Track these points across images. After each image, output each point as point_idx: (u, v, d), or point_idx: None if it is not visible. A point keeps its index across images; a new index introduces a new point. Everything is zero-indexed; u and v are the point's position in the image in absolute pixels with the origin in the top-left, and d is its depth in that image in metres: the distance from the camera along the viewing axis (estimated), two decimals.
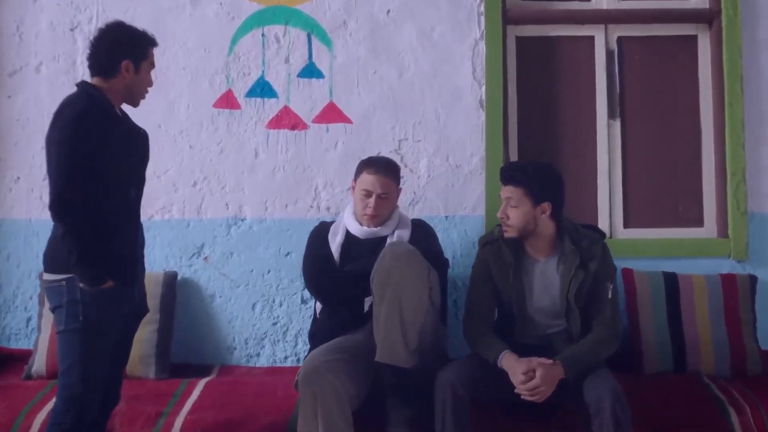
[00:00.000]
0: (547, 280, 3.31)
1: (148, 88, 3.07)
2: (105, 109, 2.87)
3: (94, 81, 2.94)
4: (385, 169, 3.57)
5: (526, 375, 3.02)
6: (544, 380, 3.00)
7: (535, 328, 3.35)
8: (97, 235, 2.76)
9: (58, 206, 2.72)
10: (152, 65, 3.06)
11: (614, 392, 2.93)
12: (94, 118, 2.79)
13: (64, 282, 2.80)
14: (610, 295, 3.25)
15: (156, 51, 3.06)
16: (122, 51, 2.92)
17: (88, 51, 2.96)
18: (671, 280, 3.90)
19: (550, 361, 3.07)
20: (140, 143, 3.06)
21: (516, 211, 3.26)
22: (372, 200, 3.52)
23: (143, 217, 3.97)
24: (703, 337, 3.78)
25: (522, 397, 3.02)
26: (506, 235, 3.32)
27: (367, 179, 3.54)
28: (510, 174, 3.32)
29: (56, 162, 2.73)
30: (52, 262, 2.87)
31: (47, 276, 2.88)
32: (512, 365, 3.08)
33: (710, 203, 4.26)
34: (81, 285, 2.77)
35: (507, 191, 3.30)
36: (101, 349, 2.86)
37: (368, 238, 3.56)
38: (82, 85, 2.92)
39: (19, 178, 4.17)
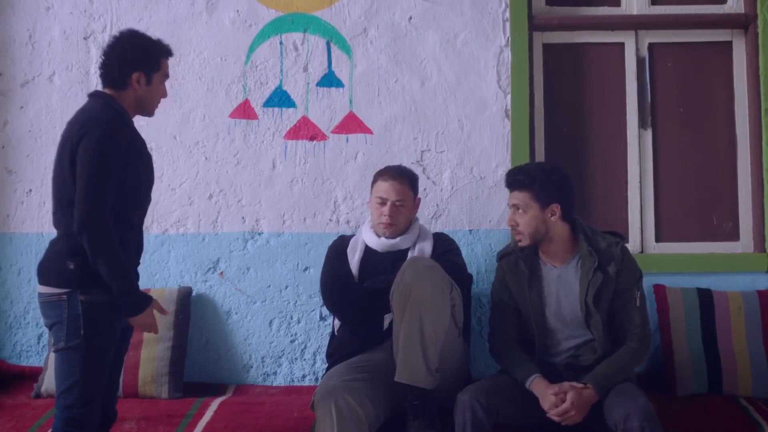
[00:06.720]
0: (566, 286, 3.22)
1: (162, 99, 3.02)
2: (128, 123, 2.84)
3: (107, 92, 2.87)
4: (400, 176, 3.53)
5: (557, 396, 2.94)
6: (575, 404, 2.92)
7: (557, 341, 3.25)
8: (123, 256, 2.72)
9: (92, 227, 2.64)
10: (166, 76, 2.99)
11: (644, 411, 2.80)
12: (120, 131, 2.74)
13: (64, 296, 2.71)
14: (638, 303, 3.16)
15: (171, 60, 2.99)
16: (133, 62, 2.85)
17: (100, 60, 2.89)
18: (706, 297, 3.79)
19: (581, 385, 2.98)
20: (149, 158, 3.00)
21: (525, 216, 3.19)
22: (387, 208, 3.47)
23: (158, 231, 4.00)
24: (740, 356, 3.67)
25: (553, 419, 2.94)
26: (519, 243, 3.24)
27: (382, 186, 3.51)
28: (514, 178, 3.25)
29: (87, 179, 2.64)
30: (49, 275, 2.78)
31: (44, 289, 2.78)
32: (542, 389, 3.01)
33: (746, 216, 4.15)
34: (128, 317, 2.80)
35: (513, 197, 3.24)
36: (102, 365, 2.78)
37: (388, 252, 3.50)
38: (102, 96, 2.85)
39: (30, 190, 4.11)
